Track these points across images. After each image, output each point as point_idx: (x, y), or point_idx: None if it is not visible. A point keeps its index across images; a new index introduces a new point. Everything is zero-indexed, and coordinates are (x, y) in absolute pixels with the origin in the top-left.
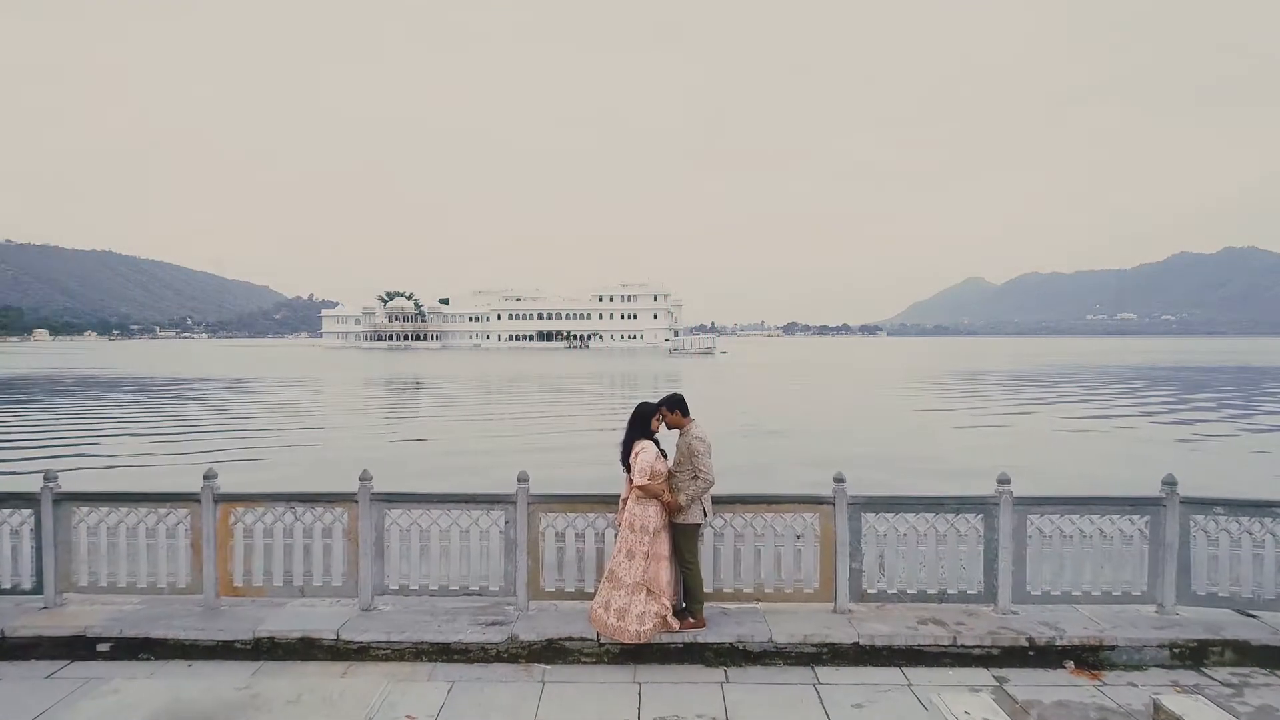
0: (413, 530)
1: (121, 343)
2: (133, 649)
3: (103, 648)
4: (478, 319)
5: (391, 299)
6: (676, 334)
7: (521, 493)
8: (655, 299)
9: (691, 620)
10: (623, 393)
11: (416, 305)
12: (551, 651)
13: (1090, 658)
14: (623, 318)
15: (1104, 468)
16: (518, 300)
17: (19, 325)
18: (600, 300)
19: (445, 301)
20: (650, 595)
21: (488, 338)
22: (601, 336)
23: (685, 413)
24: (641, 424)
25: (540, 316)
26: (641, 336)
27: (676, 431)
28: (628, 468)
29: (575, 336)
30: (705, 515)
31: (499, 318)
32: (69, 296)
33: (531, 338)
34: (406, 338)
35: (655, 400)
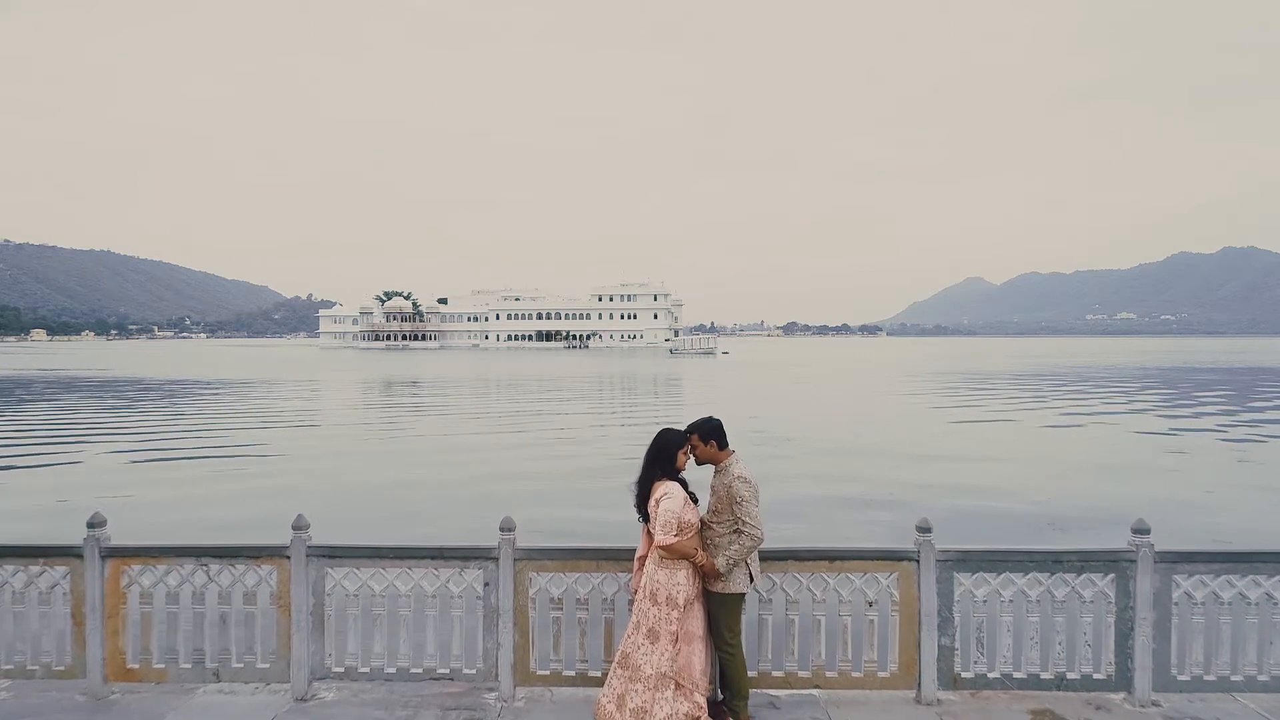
0: (363, 594)
1: (115, 342)
2: None
3: None
4: (476, 319)
5: (389, 299)
6: (676, 334)
7: (505, 545)
8: (655, 299)
9: None
10: (625, 398)
11: (415, 305)
12: None
13: None
14: (623, 318)
15: (1250, 507)
16: (517, 300)
17: (16, 325)
18: (600, 300)
19: (444, 301)
20: (680, 690)
21: (486, 338)
22: (601, 336)
23: (723, 444)
24: (664, 459)
25: (539, 316)
26: (641, 336)
27: (710, 468)
28: (645, 516)
29: (575, 336)
30: (751, 580)
31: (498, 317)
32: (67, 296)
33: (530, 338)
34: (404, 338)
35: (682, 427)
